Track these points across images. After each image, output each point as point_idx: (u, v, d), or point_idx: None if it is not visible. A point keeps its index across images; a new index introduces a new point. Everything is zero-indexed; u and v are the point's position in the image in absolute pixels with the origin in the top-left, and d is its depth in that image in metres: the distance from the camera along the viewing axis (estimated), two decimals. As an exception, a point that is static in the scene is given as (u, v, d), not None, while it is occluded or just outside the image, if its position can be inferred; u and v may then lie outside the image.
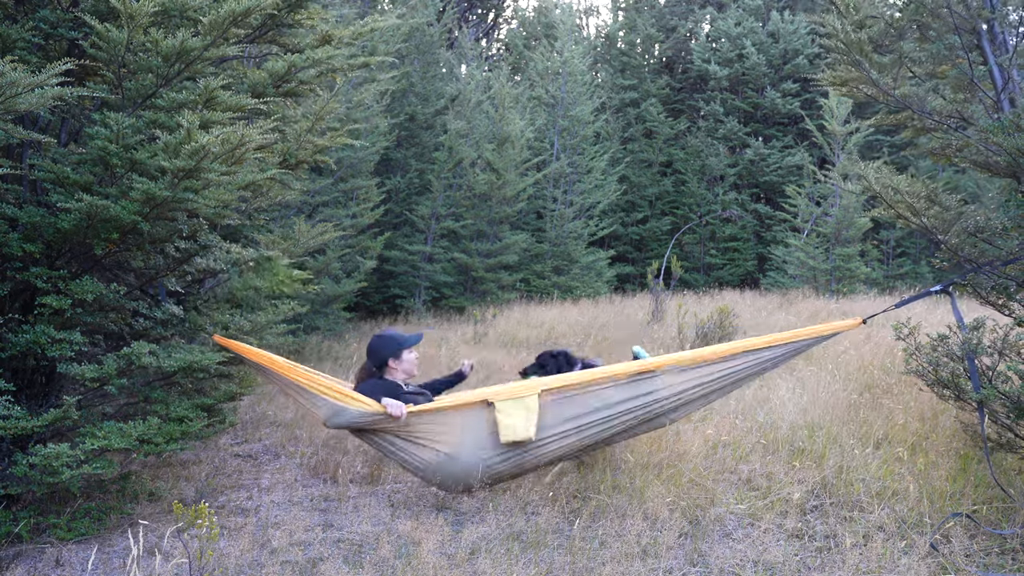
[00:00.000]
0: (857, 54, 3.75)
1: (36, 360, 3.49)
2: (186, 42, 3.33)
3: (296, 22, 4.20)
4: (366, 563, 3.13)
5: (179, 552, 3.07)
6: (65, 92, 2.93)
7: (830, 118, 15.27)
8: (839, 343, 6.69)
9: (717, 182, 19.93)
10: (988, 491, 3.51)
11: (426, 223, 13.05)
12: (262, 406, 6.01)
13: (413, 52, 14.37)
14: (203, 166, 3.22)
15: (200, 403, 3.81)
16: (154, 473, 4.31)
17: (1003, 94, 3.61)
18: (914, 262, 17.67)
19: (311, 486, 4.27)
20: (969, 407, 3.69)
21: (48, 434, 3.48)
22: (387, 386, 3.86)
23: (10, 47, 3.30)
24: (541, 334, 9.21)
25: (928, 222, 3.61)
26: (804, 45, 19.96)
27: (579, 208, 15.88)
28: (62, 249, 3.40)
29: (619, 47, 21.92)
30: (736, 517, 3.56)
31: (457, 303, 12.89)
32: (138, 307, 3.86)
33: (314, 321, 9.07)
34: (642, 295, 13.52)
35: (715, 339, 7.37)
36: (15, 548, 3.26)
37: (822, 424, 4.49)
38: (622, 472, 4.00)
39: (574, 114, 16.05)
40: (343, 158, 10.31)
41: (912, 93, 3.82)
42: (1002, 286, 3.59)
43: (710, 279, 18.74)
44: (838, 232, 14.72)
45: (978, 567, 2.96)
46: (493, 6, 26.20)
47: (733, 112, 20.38)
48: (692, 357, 3.70)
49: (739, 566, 3.07)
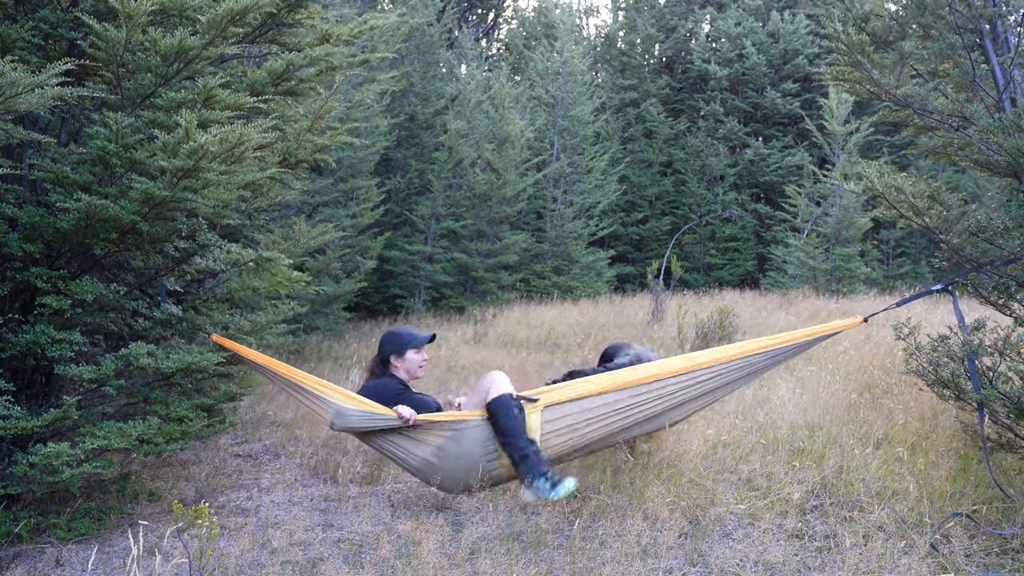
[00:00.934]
0: (858, 55, 3.75)
1: (36, 360, 3.49)
2: (184, 41, 3.32)
3: (296, 21, 4.19)
4: (366, 563, 3.13)
5: (179, 552, 3.07)
6: (65, 92, 2.93)
7: (830, 118, 15.27)
8: (839, 343, 6.69)
9: (717, 182, 19.93)
10: (988, 491, 3.51)
11: (426, 223, 13.05)
12: (262, 406, 6.01)
13: (413, 52, 14.37)
14: (202, 165, 3.22)
15: (200, 403, 3.80)
16: (154, 473, 4.31)
17: (1005, 94, 3.61)
18: (914, 262, 17.67)
19: (311, 486, 4.27)
20: (969, 407, 3.69)
21: (48, 434, 3.48)
22: (391, 386, 3.83)
23: (10, 47, 3.30)
24: (541, 334, 9.21)
25: (930, 222, 3.60)
26: (804, 45, 19.96)
27: (579, 208, 15.88)
28: (62, 249, 3.40)
29: (619, 47, 21.92)
30: (736, 517, 3.56)
31: (457, 303, 12.89)
32: (138, 307, 3.85)
33: (314, 321, 9.07)
34: (642, 295, 13.52)
35: (715, 339, 7.37)
36: (15, 548, 3.26)
37: (822, 424, 4.49)
38: (622, 472, 3.99)
39: (574, 114, 16.05)
40: (343, 158, 10.31)
41: (914, 92, 3.82)
42: (1003, 286, 3.58)
43: (710, 279, 18.74)
44: (838, 232, 14.72)
45: (978, 567, 2.96)
46: (493, 6, 26.20)
47: (733, 112, 20.38)
48: (693, 365, 3.70)
49: (739, 566, 3.07)
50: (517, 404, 3.59)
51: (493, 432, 3.60)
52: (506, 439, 3.54)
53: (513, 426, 3.52)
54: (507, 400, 3.56)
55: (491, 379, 3.68)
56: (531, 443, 3.53)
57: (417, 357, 3.94)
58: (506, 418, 3.53)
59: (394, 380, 3.89)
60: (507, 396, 3.58)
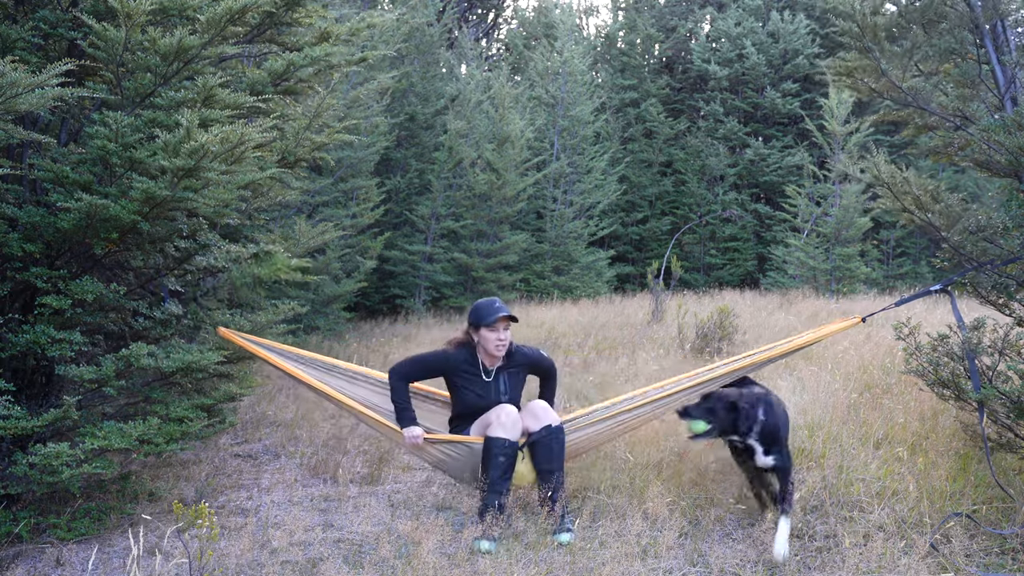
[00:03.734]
0: (871, 39, 3.70)
1: (36, 360, 3.49)
2: (184, 40, 3.32)
3: (294, 20, 4.19)
4: (366, 563, 3.13)
5: (179, 552, 3.06)
6: (65, 92, 2.93)
7: (830, 118, 15.26)
8: (839, 342, 6.68)
9: (717, 182, 19.92)
10: (988, 491, 3.50)
11: (426, 223, 13.04)
12: (262, 406, 6.01)
13: (413, 52, 14.36)
14: (203, 165, 3.22)
15: (200, 403, 3.80)
16: (154, 473, 4.31)
17: (1006, 93, 3.60)
18: (914, 262, 17.67)
19: (311, 486, 4.27)
20: (969, 407, 3.68)
21: (48, 434, 3.48)
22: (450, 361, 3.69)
23: (10, 47, 3.30)
24: (541, 334, 9.20)
25: (934, 218, 3.60)
26: (804, 45, 19.95)
27: (579, 208, 15.87)
28: (62, 249, 3.40)
29: (619, 47, 21.91)
30: (736, 517, 3.55)
31: (457, 303, 12.88)
32: (138, 307, 3.85)
33: (314, 321, 9.07)
34: (642, 295, 13.51)
35: (715, 339, 7.37)
36: (15, 548, 3.25)
37: (822, 424, 4.49)
38: (622, 472, 3.99)
39: (574, 114, 16.04)
40: (343, 158, 10.31)
41: (918, 87, 3.80)
42: (1002, 285, 3.58)
43: (710, 279, 18.73)
44: (838, 232, 14.72)
45: (978, 567, 2.96)
46: (493, 6, 26.18)
47: (733, 112, 20.37)
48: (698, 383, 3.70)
49: (739, 566, 3.07)
50: (506, 451, 3.46)
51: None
52: (484, 479, 3.50)
53: (491, 474, 3.45)
54: (497, 445, 3.45)
55: (496, 414, 3.55)
56: (498, 496, 3.42)
57: (491, 335, 3.65)
58: (489, 464, 3.46)
59: (462, 353, 3.73)
60: (498, 441, 3.46)
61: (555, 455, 3.51)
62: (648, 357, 7.05)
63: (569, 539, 3.31)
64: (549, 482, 3.49)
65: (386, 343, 9.11)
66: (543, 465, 3.52)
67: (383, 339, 9.55)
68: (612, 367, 6.81)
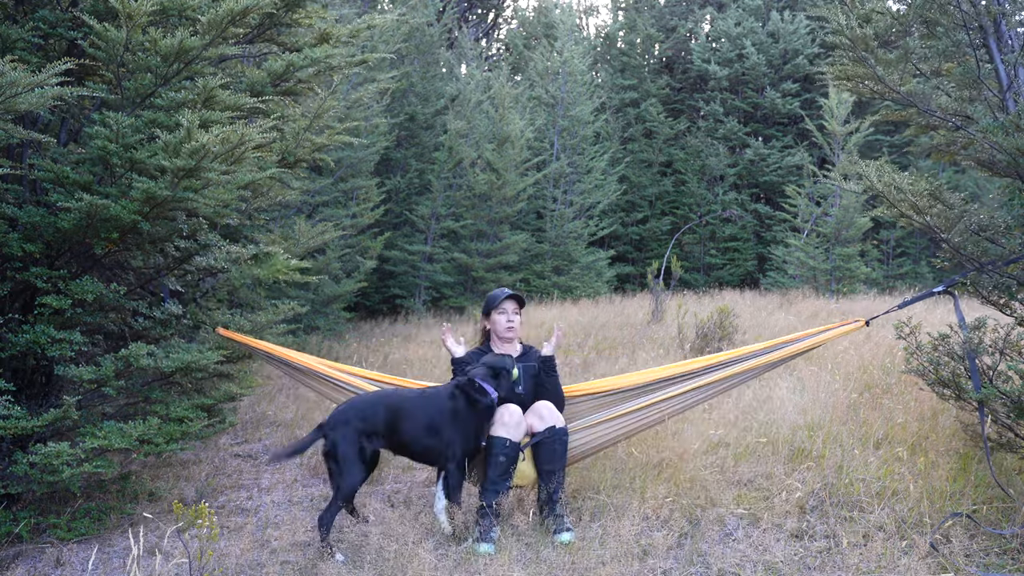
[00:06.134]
0: (863, 50, 3.72)
1: (36, 360, 3.49)
2: (184, 41, 3.33)
3: (295, 21, 4.20)
4: (366, 563, 3.13)
5: (179, 552, 3.06)
6: (65, 92, 2.93)
7: (830, 118, 15.26)
8: (839, 343, 6.69)
9: (717, 182, 19.92)
10: (988, 491, 3.50)
11: (426, 223, 13.04)
12: (262, 406, 6.00)
13: (413, 52, 14.36)
14: (203, 165, 3.22)
15: (200, 403, 3.81)
16: (154, 473, 4.31)
17: (1008, 93, 3.60)
18: (914, 262, 17.67)
19: (311, 486, 4.27)
20: (969, 407, 3.68)
21: (48, 434, 3.48)
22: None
23: (10, 47, 3.30)
24: (541, 334, 9.20)
25: (932, 220, 3.59)
26: (804, 45, 19.96)
27: (579, 208, 15.87)
28: (62, 249, 3.40)
29: (619, 47, 21.91)
30: (736, 517, 3.55)
31: (457, 303, 12.89)
32: (138, 307, 3.86)
33: (314, 321, 9.07)
34: (642, 295, 13.51)
35: (715, 339, 7.37)
36: (15, 548, 3.25)
37: (822, 424, 4.49)
38: (622, 472, 3.99)
39: (574, 114, 16.04)
40: (343, 158, 10.31)
41: (917, 90, 3.80)
42: (1004, 285, 3.58)
43: (710, 279, 18.73)
44: (838, 232, 14.72)
45: (978, 567, 2.96)
46: (493, 6, 26.18)
47: (733, 112, 20.37)
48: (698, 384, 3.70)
49: (739, 566, 3.07)
50: (507, 451, 3.46)
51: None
52: (484, 477, 3.51)
53: (491, 472, 3.45)
54: (498, 444, 3.46)
55: (499, 413, 3.55)
56: (496, 495, 3.43)
57: (501, 318, 3.75)
58: (490, 463, 3.48)
59: (484, 348, 3.83)
60: (500, 441, 3.46)
61: (558, 456, 3.53)
62: (648, 357, 7.05)
63: (569, 539, 3.31)
64: (550, 482, 3.50)
65: (386, 343, 9.11)
66: (545, 466, 3.53)
67: (383, 339, 9.55)
68: (612, 367, 6.81)
